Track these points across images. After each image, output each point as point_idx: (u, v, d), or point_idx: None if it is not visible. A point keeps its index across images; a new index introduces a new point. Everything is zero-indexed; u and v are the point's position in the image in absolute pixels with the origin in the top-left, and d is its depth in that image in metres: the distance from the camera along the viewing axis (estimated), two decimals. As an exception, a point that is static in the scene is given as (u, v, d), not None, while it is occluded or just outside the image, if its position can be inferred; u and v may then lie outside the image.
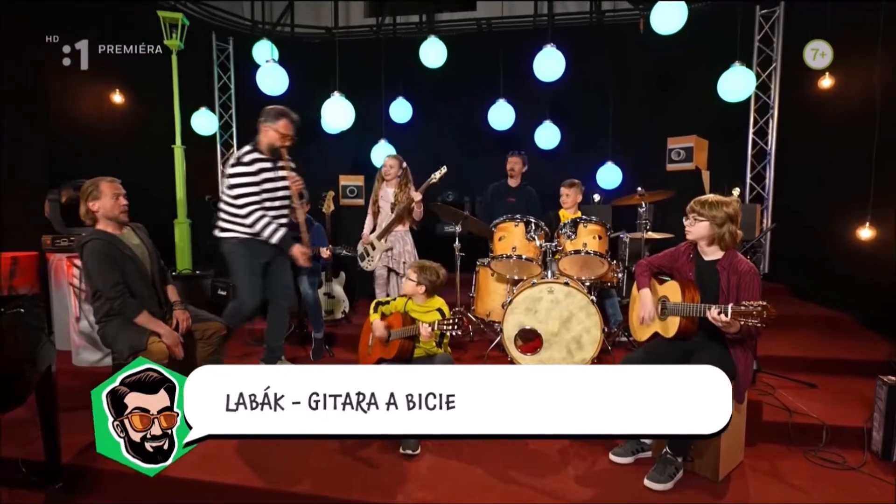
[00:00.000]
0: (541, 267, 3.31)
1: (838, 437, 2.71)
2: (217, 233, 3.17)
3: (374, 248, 4.05)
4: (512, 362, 3.17)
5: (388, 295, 4.41)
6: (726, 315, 2.13)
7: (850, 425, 2.74)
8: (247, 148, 3.09)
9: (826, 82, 4.74)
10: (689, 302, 2.39)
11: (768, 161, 5.68)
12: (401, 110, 6.27)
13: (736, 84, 4.53)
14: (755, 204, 4.85)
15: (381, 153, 6.11)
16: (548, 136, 5.85)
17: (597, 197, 5.20)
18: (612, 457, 2.57)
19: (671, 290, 2.51)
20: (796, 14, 5.36)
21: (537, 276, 3.35)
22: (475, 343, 3.83)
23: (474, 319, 3.86)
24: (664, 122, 5.92)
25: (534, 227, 3.28)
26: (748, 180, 5.76)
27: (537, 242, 3.25)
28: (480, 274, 3.89)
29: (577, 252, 3.15)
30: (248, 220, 3.04)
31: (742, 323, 2.10)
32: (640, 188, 3.37)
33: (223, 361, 3.21)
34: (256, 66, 5.78)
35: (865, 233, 4.12)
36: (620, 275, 3.50)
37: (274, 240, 3.07)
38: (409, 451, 2.59)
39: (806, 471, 2.49)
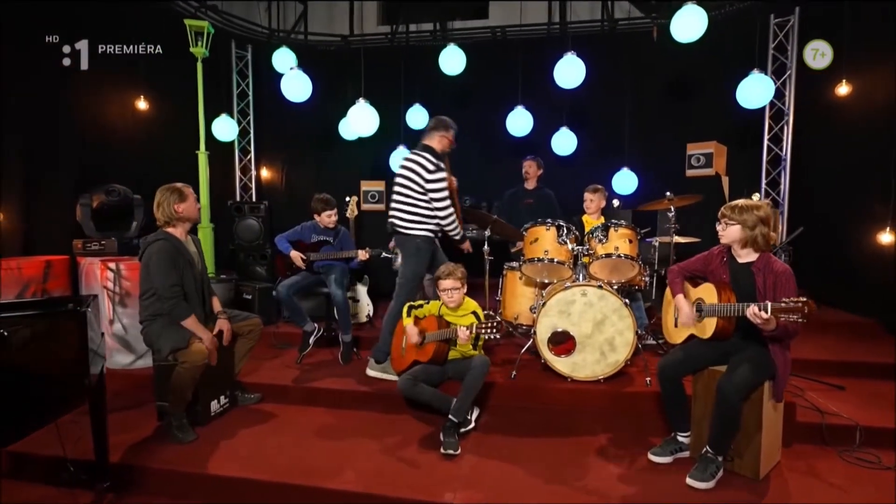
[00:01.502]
0: (572, 270, 3.35)
1: (871, 437, 2.74)
2: (405, 229, 3.37)
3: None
4: (545, 365, 3.21)
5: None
6: (766, 312, 2.17)
7: (882, 426, 2.78)
8: (432, 156, 3.36)
9: (843, 89, 4.81)
10: (725, 303, 2.44)
11: (783, 167, 5.74)
12: (418, 117, 6.34)
13: (754, 91, 4.59)
14: (773, 209, 4.89)
15: (401, 158, 6.17)
16: (565, 142, 5.91)
17: (616, 202, 5.25)
18: (651, 456, 2.61)
19: (706, 293, 2.56)
20: (811, 21, 5.43)
21: (568, 279, 3.40)
22: (501, 346, 3.87)
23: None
24: (679, 128, 6.00)
25: (566, 231, 3.33)
26: (763, 186, 5.81)
27: (569, 246, 3.30)
28: (508, 277, 3.93)
29: (608, 255, 3.20)
30: (447, 220, 3.35)
31: (783, 319, 2.14)
32: (668, 192, 3.43)
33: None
34: (273, 73, 5.87)
35: (886, 237, 4.17)
36: (647, 278, 3.54)
37: (459, 237, 3.48)
38: (451, 452, 2.63)
39: (843, 470, 2.52)
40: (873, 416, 2.88)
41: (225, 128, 6.14)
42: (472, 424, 2.92)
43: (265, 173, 7.23)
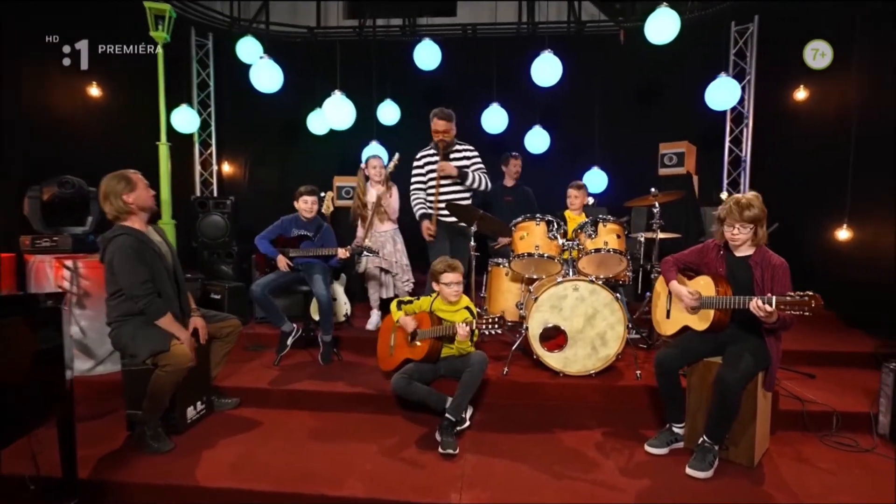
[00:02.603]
0: (561, 265, 3.35)
1: (847, 422, 2.87)
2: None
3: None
4: (537, 360, 3.19)
5: (380, 296, 4.36)
6: (770, 305, 2.22)
7: (856, 411, 2.92)
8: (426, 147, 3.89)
9: (801, 94, 5.08)
10: (722, 296, 2.49)
11: (743, 168, 6.01)
12: (389, 112, 6.23)
13: (722, 93, 4.78)
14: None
15: (373, 153, 6.03)
16: (538, 140, 5.95)
17: (590, 200, 5.33)
18: (647, 448, 2.63)
19: (702, 286, 2.61)
20: (771, 28, 5.71)
21: (557, 274, 3.39)
22: (487, 342, 3.83)
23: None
24: (647, 129, 6.18)
25: (556, 226, 3.33)
26: (725, 186, 6.08)
27: (559, 241, 3.30)
28: (493, 274, 3.90)
29: (597, 250, 3.22)
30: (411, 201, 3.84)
31: (788, 313, 2.19)
32: (653, 189, 3.49)
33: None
34: (235, 63, 5.62)
35: (843, 233, 4.42)
36: (630, 273, 3.59)
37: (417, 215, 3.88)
38: (451, 451, 2.56)
39: (828, 455, 2.63)
40: (846, 401, 3.02)
41: (185, 119, 5.83)
42: (468, 423, 2.86)
43: (227, 168, 6.90)
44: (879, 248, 4.12)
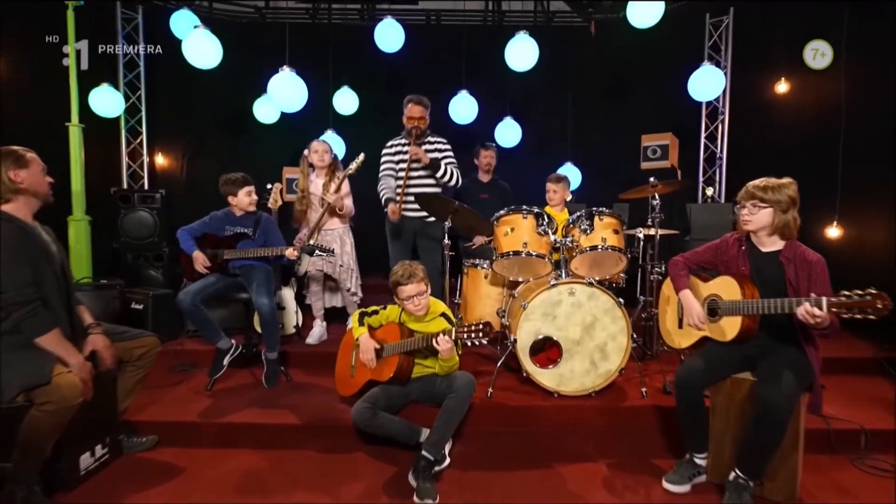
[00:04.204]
0: (552, 265, 2.87)
1: (875, 441, 2.53)
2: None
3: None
4: (527, 378, 2.69)
5: (324, 305, 3.81)
6: (821, 309, 1.82)
7: (882, 428, 2.58)
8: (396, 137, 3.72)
9: (782, 87, 4.86)
10: (749, 299, 2.08)
11: (719, 165, 5.79)
12: (346, 100, 5.66)
13: (706, 83, 4.47)
14: (727, 204, 4.77)
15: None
16: (509, 133, 5.53)
17: (568, 196, 4.92)
18: (666, 485, 2.18)
19: (724, 287, 2.20)
20: (746, 20, 5.52)
21: (547, 276, 2.92)
22: (463, 356, 3.31)
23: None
24: (620, 123, 5.95)
25: (546, 220, 2.85)
26: (700, 183, 5.84)
27: (551, 237, 2.82)
28: (469, 276, 3.39)
29: (593, 248, 2.76)
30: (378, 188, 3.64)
31: (847, 317, 1.79)
32: (652, 178, 3.07)
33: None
34: (172, 42, 4.91)
35: (833, 231, 4.19)
36: (624, 275, 3.17)
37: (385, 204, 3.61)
38: (429, 502, 2.02)
39: (867, 483, 2.26)
40: (866, 416, 2.69)
41: (106, 100, 5.02)
42: (448, 461, 2.33)
43: (161, 160, 6.10)
44: (872, 245, 3.90)
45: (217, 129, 6.11)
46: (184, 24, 4.97)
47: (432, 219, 3.52)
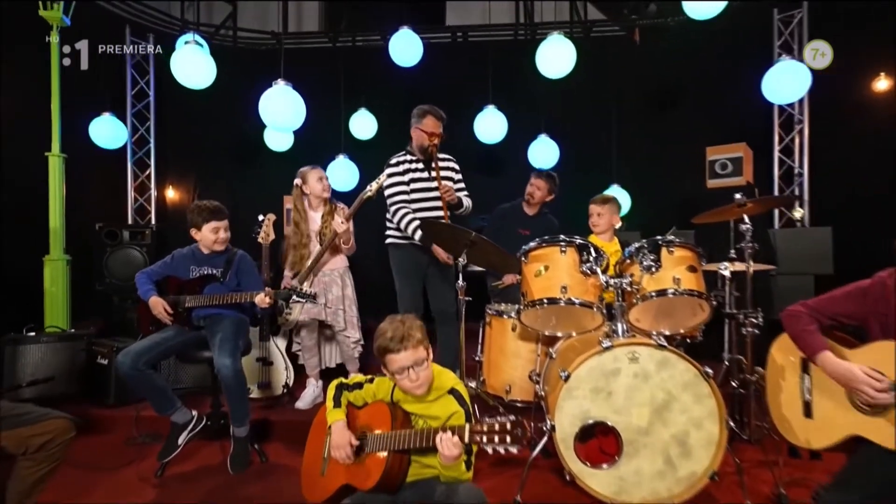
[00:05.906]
0: (603, 316, 2.09)
1: None
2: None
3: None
4: (571, 480, 1.89)
5: (320, 361, 3.15)
6: None
7: None
8: (398, 155, 3.10)
9: (882, 84, 3.97)
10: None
11: (799, 183, 4.87)
12: (363, 123, 5.17)
13: (787, 81, 3.61)
14: (824, 227, 3.80)
15: (340, 170, 4.95)
16: (545, 152, 4.84)
17: (617, 223, 4.14)
18: None
19: (881, 358, 1.38)
20: (823, 14, 4.69)
21: (599, 331, 2.14)
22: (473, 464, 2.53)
23: (491, 403, 2.58)
24: (676, 137, 5.19)
25: (593, 255, 2.08)
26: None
27: (600, 277, 2.04)
28: (493, 328, 2.64)
29: (662, 293, 1.97)
30: (395, 219, 2.97)
31: None
32: (738, 195, 2.26)
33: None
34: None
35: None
36: (703, 327, 2.34)
37: (416, 237, 2.89)
38: None
39: None
40: None
41: (108, 130, 4.72)
42: None
43: (171, 194, 5.75)
44: None
45: (228, 159, 5.75)
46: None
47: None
